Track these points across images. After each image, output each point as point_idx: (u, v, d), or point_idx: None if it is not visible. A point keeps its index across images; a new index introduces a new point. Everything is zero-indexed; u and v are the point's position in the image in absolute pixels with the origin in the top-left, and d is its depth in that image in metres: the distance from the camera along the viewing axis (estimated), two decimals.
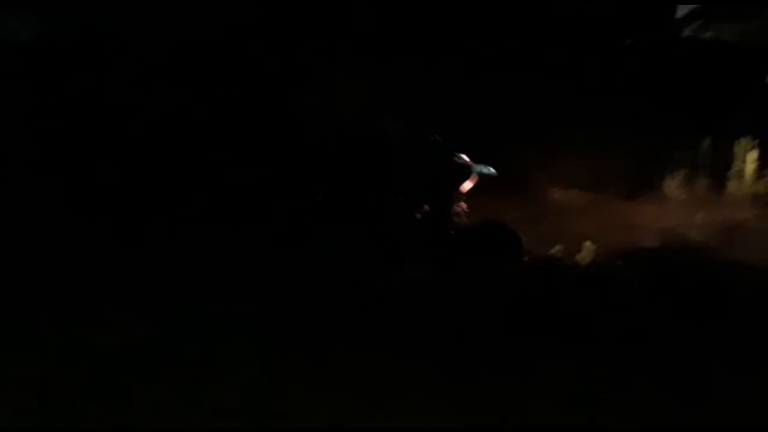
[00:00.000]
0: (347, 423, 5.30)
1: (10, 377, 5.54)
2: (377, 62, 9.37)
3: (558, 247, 8.44)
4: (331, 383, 5.75)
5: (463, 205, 7.56)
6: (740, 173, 11.65)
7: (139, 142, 8.76)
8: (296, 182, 8.00)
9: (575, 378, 5.94)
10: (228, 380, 5.63)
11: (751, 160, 11.64)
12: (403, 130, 7.47)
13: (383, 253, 7.45)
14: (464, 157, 7.52)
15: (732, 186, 11.59)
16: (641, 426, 5.62)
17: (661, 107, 11.69)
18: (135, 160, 8.67)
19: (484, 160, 7.69)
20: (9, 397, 5.32)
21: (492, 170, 7.54)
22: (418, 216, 7.42)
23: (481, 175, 7.53)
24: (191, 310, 6.64)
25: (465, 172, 7.45)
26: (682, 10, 12.83)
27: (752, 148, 11.63)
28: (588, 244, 8.70)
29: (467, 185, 7.48)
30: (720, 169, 11.70)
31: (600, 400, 5.69)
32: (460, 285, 7.21)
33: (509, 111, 10.30)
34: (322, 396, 5.55)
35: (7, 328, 6.23)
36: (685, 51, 12.67)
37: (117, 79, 9.12)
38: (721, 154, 11.78)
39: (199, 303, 6.76)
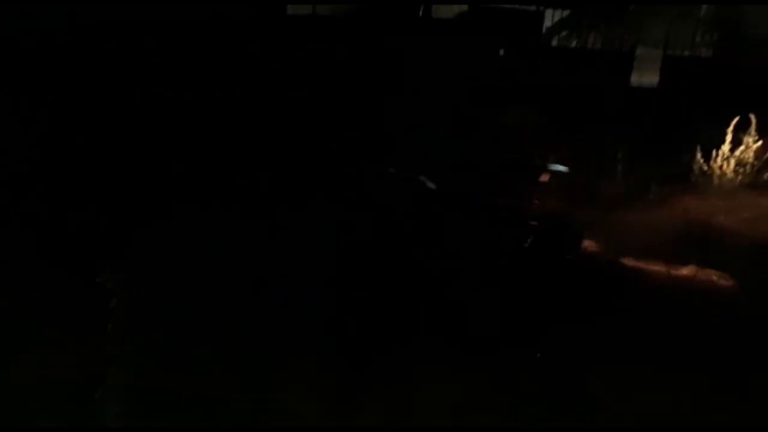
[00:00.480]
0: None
1: None
2: None
3: None
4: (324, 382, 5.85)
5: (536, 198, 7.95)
6: (607, 172, 12.73)
7: (139, 139, 8.47)
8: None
9: None
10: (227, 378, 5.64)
11: (619, 158, 12.75)
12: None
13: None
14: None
15: (602, 184, 12.65)
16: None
17: (533, 111, 12.53)
18: (134, 157, 8.39)
19: None
20: None
21: (563, 168, 8.03)
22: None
23: (554, 172, 7.97)
24: (191, 310, 6.57)
25: (541, 170, 7.91)
26: (549, 20, 13.86)
27: (618, 147, 12.73)
28: None
29: (543, 179, 7.87)
30: (590, 167, 12.75)
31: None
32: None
33: None
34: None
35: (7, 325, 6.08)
36: (555, 58, 13.64)
37: (117, 78, 8.75)
38: (590, 154, 12.83)
39: (199, 303, 6.69)
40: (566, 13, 13.78)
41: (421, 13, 13.47)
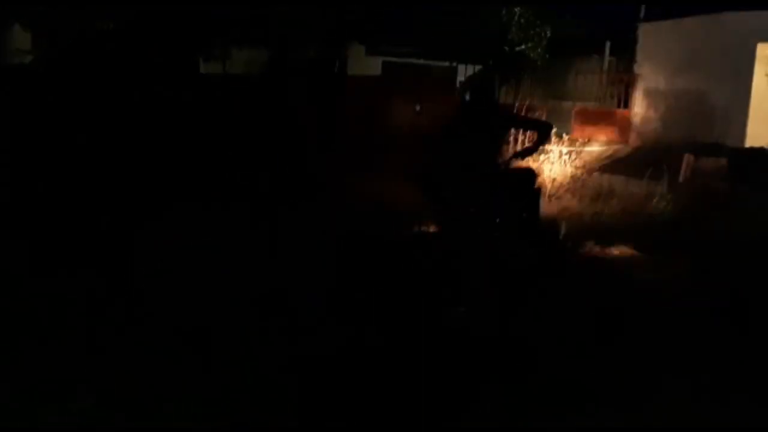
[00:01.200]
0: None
1: None
2: None
3: None
4: None
5: None
6: None
7: (138, 137, 8.61)
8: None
9: None
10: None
11: None
12: None
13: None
14: None
15: None
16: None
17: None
18: (132, 155, 8.54)
19: None
20: None
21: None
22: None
23: None
24: (192, 311, 6.58)
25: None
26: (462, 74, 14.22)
27: None
28: None
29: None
30: None
31: None
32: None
33: None
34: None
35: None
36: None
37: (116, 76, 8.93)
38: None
39: (201, 305, 6.70)
40: (477, 68, 14.14)
41: (336, 70, 13.78)
